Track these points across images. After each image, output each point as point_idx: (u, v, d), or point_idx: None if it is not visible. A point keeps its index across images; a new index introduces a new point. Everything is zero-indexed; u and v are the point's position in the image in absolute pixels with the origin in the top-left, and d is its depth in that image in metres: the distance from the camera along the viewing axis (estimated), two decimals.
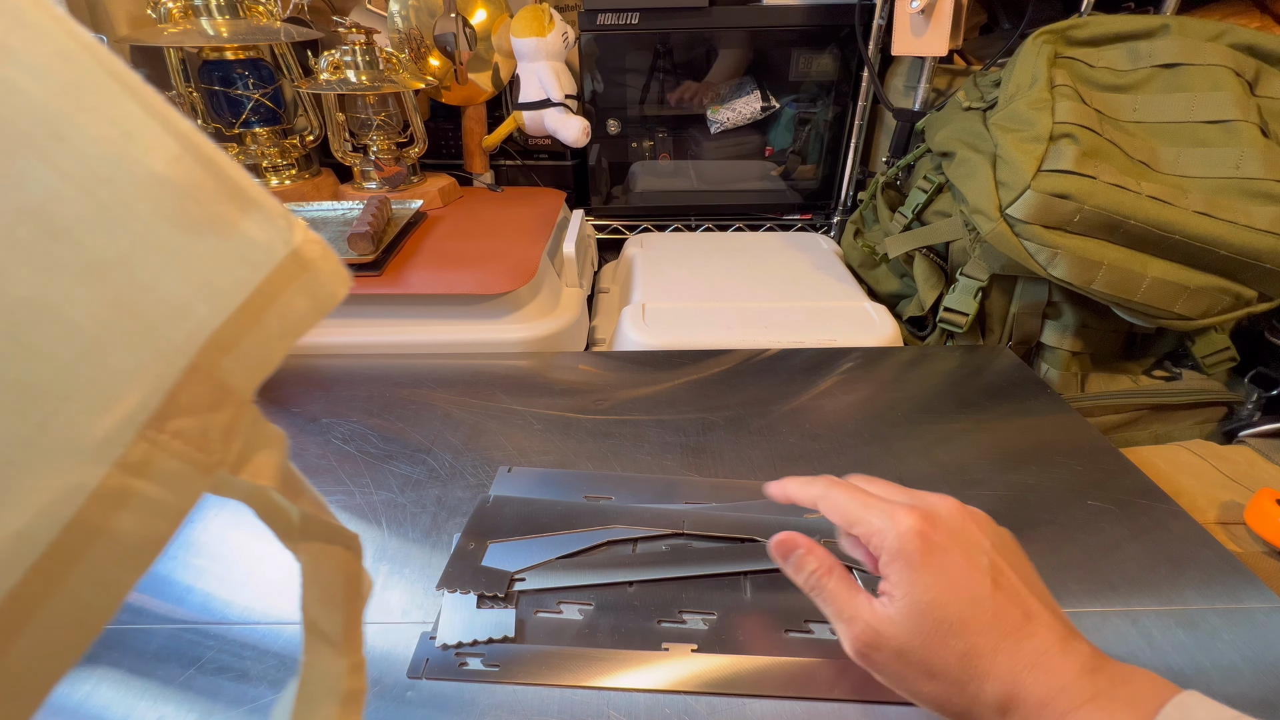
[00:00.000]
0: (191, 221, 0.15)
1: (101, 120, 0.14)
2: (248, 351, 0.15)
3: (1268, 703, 0.32)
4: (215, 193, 0.15)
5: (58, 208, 0.13)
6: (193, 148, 0.15)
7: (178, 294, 0.14)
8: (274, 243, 0.16)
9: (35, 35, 0.13)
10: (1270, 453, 0.58)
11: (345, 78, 0.82)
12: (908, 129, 0.87)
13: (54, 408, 0.12)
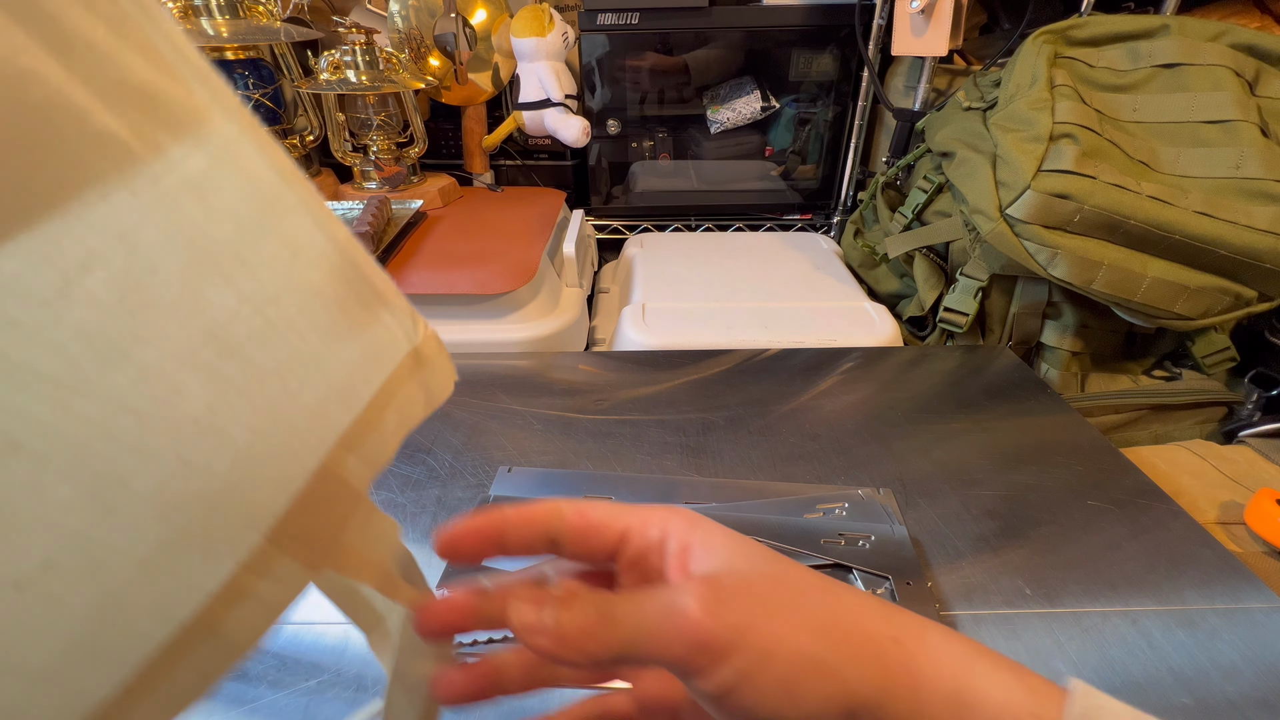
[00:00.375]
0: (337, 329, 0.16)
1: (278, 241, 0.15)
2: (368, 448, 0.16)
3: (1267, 703, 0.32)
4: (359, 297, 0.17)
5: (234, 327, 0.14)
6: (346, 255, 0.17)
7: (319, 399, 0.15)
8: (399, 341, 0.18)
9: (240, 172, 0.15)
10: (1270, 453, 0.58)
11: (345, 78, 0.82)
12: (908, 129, 0.87)
13: (198, 515, 0.13)
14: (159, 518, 0.13)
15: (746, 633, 0.17)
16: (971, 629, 0.36)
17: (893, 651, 0.18)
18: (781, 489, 0.46)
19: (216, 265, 0.14)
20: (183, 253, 0.13)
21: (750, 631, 0.17)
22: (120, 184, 0.13)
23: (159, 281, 0.13)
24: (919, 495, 0.46)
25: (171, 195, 0.13)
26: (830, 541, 0.41)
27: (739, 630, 0.17)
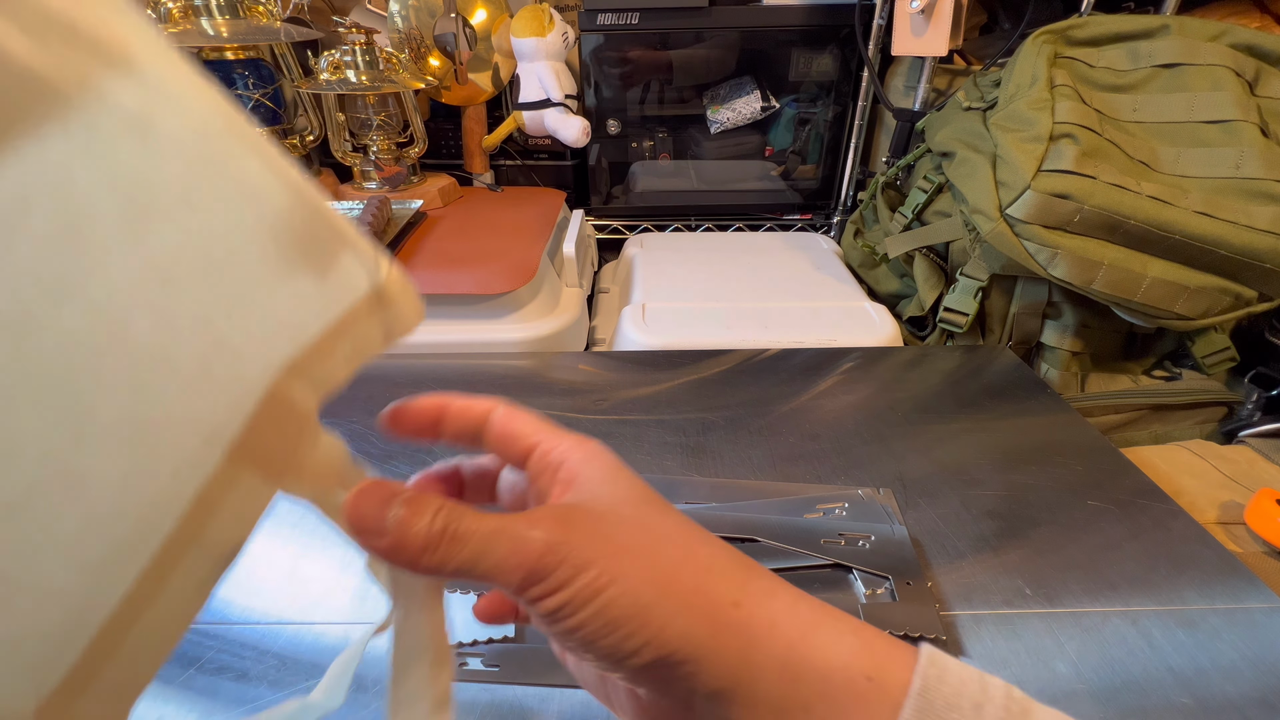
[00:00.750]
0: (289, 266, 0.17)
1: (228, 182, 0.16)
2: (317, 375, 0.17)
3: (1267, 703, 0.32)
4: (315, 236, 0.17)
5: (177, 263, 0.15)
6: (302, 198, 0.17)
7: (265, 331, 0.16)
8: (359, 280, 0.18)
9: (179, 110, 0.15)
10: (1270, 453, 0.58)
11: (345, 78, 0.82)
12: (908, 129, 0.87)
13: (162, 438, 0.14)
14: (126, 441, 0.14)
15: (582, 569, 0.18)
16: (971, 629, 0.36)
17: (729, 613, 0.18)
18: (781, 489, 0.46)
19: (158, 205, 0.14)
20: (121, 191, 0.14)
21: (586, 569, 0.18)
22: (52, 124, 0.13)
23: (100, 219, 0.13)
24: (919, 495, 0.46)
25: (107, 134, 0.14)
26: (830, 541, 0.41)
27: (575, 567, 0.18)
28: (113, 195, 0.14)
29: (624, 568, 0.18)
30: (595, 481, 0.21)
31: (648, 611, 0.18)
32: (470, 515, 0.18)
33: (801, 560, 0.39)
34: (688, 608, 0.18)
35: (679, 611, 0.18)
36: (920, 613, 0.37)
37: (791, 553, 0.40)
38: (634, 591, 0.18)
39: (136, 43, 0.15)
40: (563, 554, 0.18)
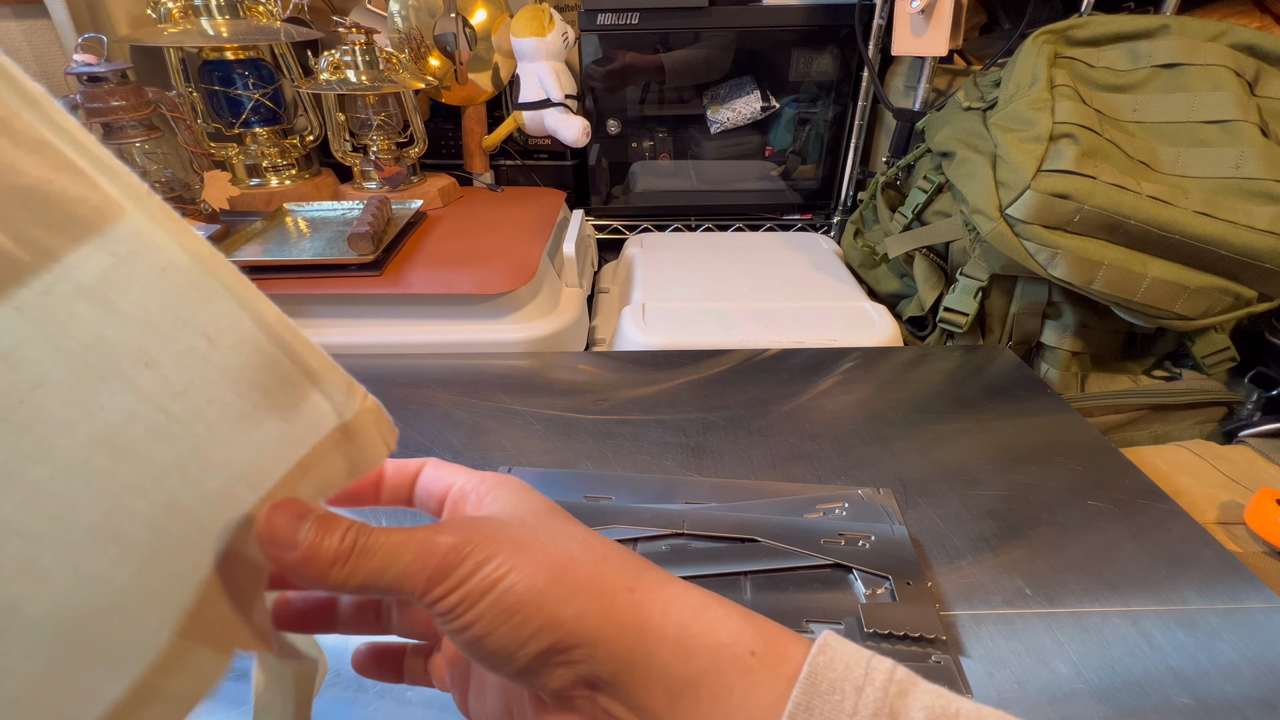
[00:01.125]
0: (253, 413, 0.16)
1: (194, 331, 0.15)
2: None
3: (1267, 703, 0.32)
4: (283, 378, 0.17)
5: (130, 428, 0.14)
6: (274, 336, 0.17)
7: (224, 484, 0.15)
8: (326, 417, 0.18)
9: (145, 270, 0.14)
10: (1270, 453, 0.58)
11: (345, 78, 0.82)
12: (908, 129, 0.87)
13: (101, 626, 0.13)
14: (56, 635, 0.13)
15: (483, 564, 0.18)
16: (971, 629, 0.36)
17: (623, 598, 0.19)
18: (781, 489, 0.46)
19: (113, 368, 0.14)
20: (74, 362, 0.13)
21: (486, 563, 0.19)
22: (4, 299, 0.12)
23: (47, 395, 0.13)
24: (919, 495, 0.46)
25: (64, 304, 0.13)
26: (830, 541, 0.41)
27: (476, 562, 0.18)
28: (65, 365, 0.13)
29: (521, 559, 0.19)
30: (502, 500, 0.22)
31: (543, 596, 0.18)
32: (378, 531, 0.19)
33: (801, 560, 0.39)
34: (582, 591, 0.19)
35: (574, 595, 0.19)
36: (920, 613, 0.37)
37: (791, 553, 0.40)
38: (530, 578, 0.19)
39: (110, 203, 0.14)
40: (465, 551, 0.19)
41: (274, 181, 0.89)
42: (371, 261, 0.67)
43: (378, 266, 0.67)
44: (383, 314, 0.68)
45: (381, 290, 0.66)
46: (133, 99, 0.68)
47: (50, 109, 0.13)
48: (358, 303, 0.68)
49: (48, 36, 0.78)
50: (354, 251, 0.67)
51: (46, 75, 0.78)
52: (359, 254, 0.67)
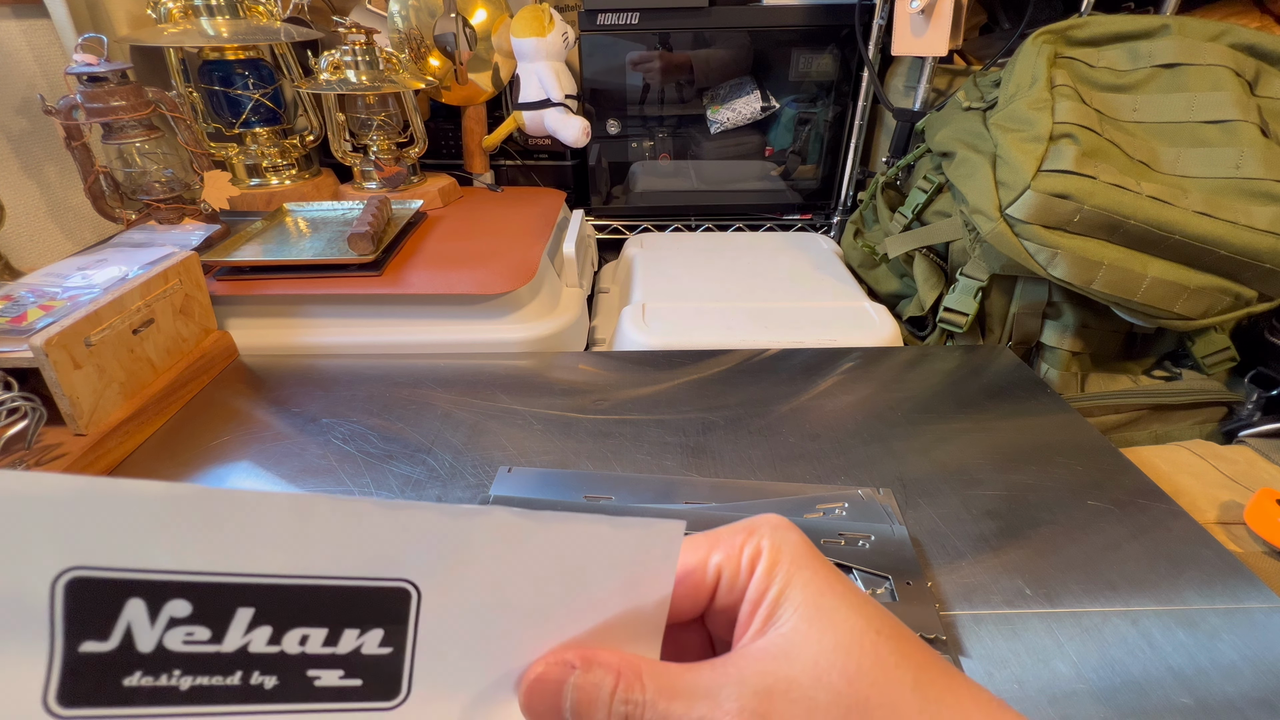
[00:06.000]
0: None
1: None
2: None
3: (1267, 703, 0.32)
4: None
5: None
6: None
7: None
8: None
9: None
10: (1270, 453, 0.58)
11: (345, 78, 0.82)
12: (908, 129, 0.87)
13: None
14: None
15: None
16: (971, 629, 0.36)
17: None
18: (781, 489, 0.46)
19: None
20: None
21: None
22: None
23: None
24: (919, 495, 0.46)
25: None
26: (830, 541, 0.41)
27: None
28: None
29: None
30: (797, 621, 0.17)
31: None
32: (651, 699, 0.16)
33: None
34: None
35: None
36: (920, 613, 0.37)
37: None
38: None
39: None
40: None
41: (274, 181, 0.89)
42: (371, 261, 0.67)
43: (378, 266, 0.67)
44: (383, 314, 0.68)
45: (381, 290, 0.66)
46: (133, 99, 0.68)
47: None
48: (358, 303, 0.68)
49: (48, 36, 0.78)
50: (354, 251, 0.67)
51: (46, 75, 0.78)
52: (359, 254, 0.67)
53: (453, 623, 0.16)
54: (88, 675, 0.14)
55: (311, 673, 0.15)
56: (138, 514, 0.14)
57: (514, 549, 0.17)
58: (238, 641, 0.15)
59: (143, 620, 0.14)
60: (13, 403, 0.43)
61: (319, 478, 0.47)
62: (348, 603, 0.15)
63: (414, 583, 0.16)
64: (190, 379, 0.56)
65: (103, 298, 0.48)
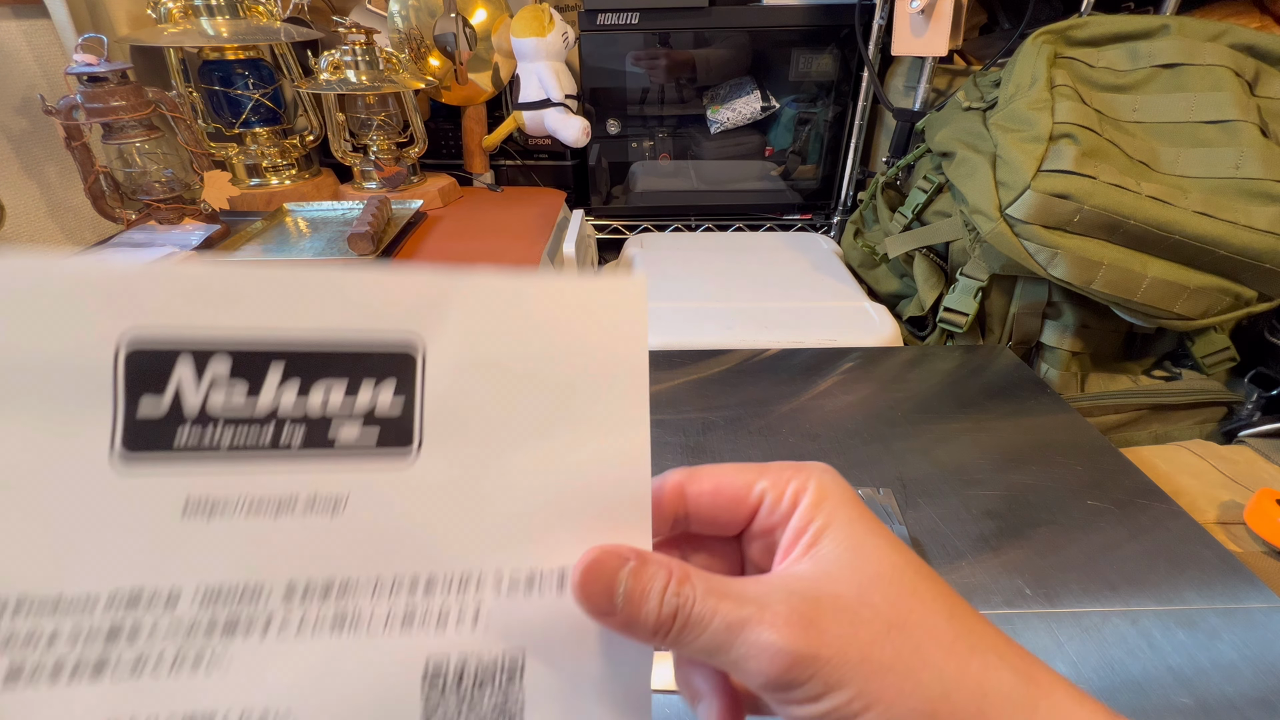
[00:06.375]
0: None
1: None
2: None
3: (1267, 703, 0.32)
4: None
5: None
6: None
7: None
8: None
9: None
10: (1270, 453, 0.58)
11: (345, 78, 0.82)
12: (908, 129, 0.87)
13: None
14: None
15: (834, 687, 0.16)
16: None
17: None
18: None
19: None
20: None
21: (840, 687, 0.16)
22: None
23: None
24: (919, 495, 0.46)
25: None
26: None
27: (826, 684, 0.16)
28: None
29: (883, 690, 0.16)
30: (840, 548, 0.18)
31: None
32: (702, 594, 0.17)
33: None
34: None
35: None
36: None
37: None
38: (896, 718, 0.16)
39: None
40: (812, 670, 0.16)
41: (274, 181, 0.89)
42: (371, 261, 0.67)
43: None
44: None
45: None
46: (133, 99, 0.68)
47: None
48: None
49: (48, 36, 0.78)
50: (354, 251, 0.67)
51: (47, 75, 0.78)
52: (359, 254, 0.67)
53: (454, 380, 0.18)
54: (144, 433, 0.16)
55: (334, 428, 0.17)
56: (185, 287, 0.16)
57: (502, 307, 0.18)
58: (270, 398, 0.17)
59: (190, 381, 0.16)
60: None
61: None
62: (364, 356, 0.17)
63: (420, 339, 0.17)
64: None
65: None
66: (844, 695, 0.16)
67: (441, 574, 0.18)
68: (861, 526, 0.18)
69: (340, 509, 0.17)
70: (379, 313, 0.17)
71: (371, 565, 0.17)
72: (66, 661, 0.15)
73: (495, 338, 0.18)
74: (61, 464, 0.16)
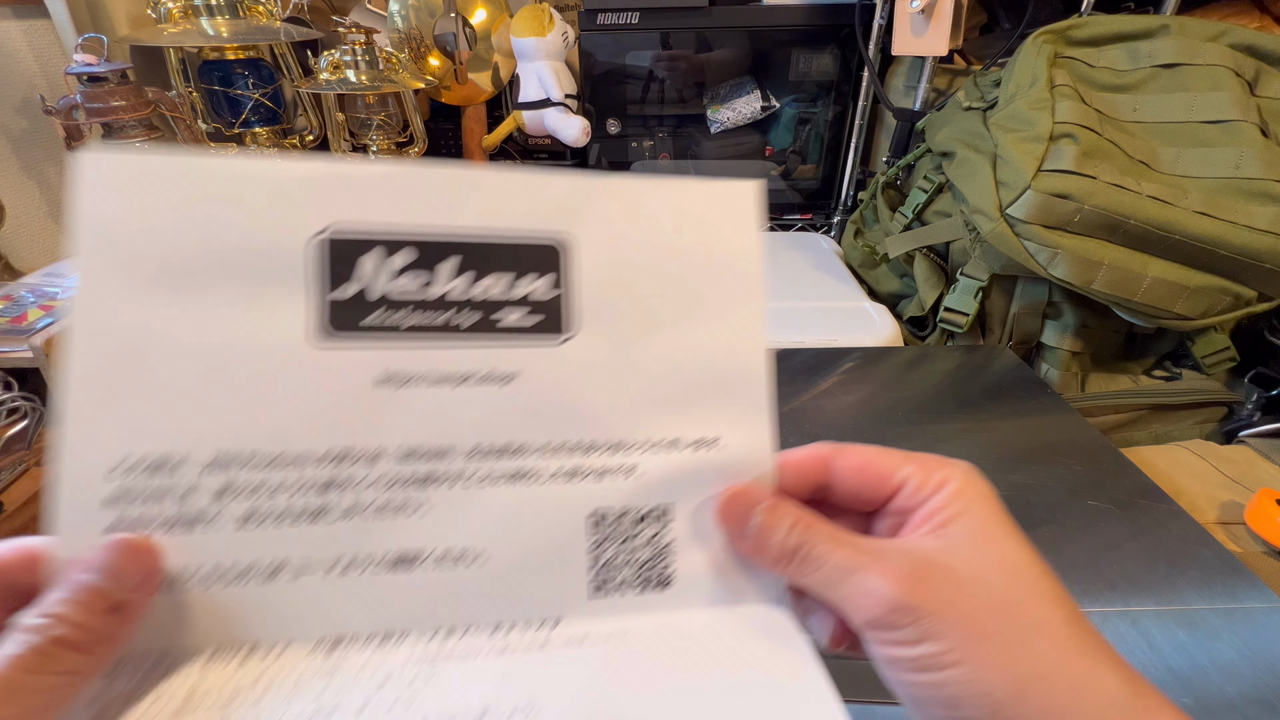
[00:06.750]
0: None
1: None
2: None
3: (1267, 703, 0.32)
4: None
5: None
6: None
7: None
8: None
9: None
10: (1270, 453, 0.58)
11: (345, 78, 0.82)
12: (908, 129, 0.87)
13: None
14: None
15: (930, 637, 0.17)
16: None
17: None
18: None
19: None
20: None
21: (936, 638, 0.17)
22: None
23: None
24: None
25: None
26: None
27: (923, 632, 0.17)
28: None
29: (980, 654, 0.16)
30: (968, 533, 0.19)
31: (999, 710, 0.16)
32: (824, 538, 0.19)
33: None
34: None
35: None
36: None
37: None
38: (985, 682, 0.16)
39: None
40: (912, 617, 0.17)
41: None
42: None
43: None
44: None
45: None
46: (133, 99, 0.68)
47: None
48: None
49: (48, 36, 0.78)
50: None
51: (46, 75, 0.78)
52: None
53: (600, 272, 0.20)
54: (338, 314, 0.18)
55: (499, 313, 0.20)
56: (372, 184, 0.19)
57: (636, 207, 0.21)
58: (444, 286, 0.19)
59: (375, 269, 0.19)
60: (13, 403, 0.43)
61: None
62: (524, 249, 0.20)
63: (570, 236, 0.20)
64: None
65: None
66: (938, 646, 0.16)
67: (598, 437, 0.20)
68: (995, 522, 0.19)
69: (510, 382, 0.20)
70: (537, 214, 0.20)
71: (539, 430, 0.20)
72: (292, 507, 0.18)
73: (635, 234, 0.21)
74: (270, 338, 0.18)
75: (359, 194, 0.18)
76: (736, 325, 0.21)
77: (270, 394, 0.18)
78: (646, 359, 0.21)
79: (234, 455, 0.18)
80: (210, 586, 0.18)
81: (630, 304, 0.21)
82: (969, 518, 0.19)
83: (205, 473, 0.18)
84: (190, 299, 0.18)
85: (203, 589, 0.18)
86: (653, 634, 0.20)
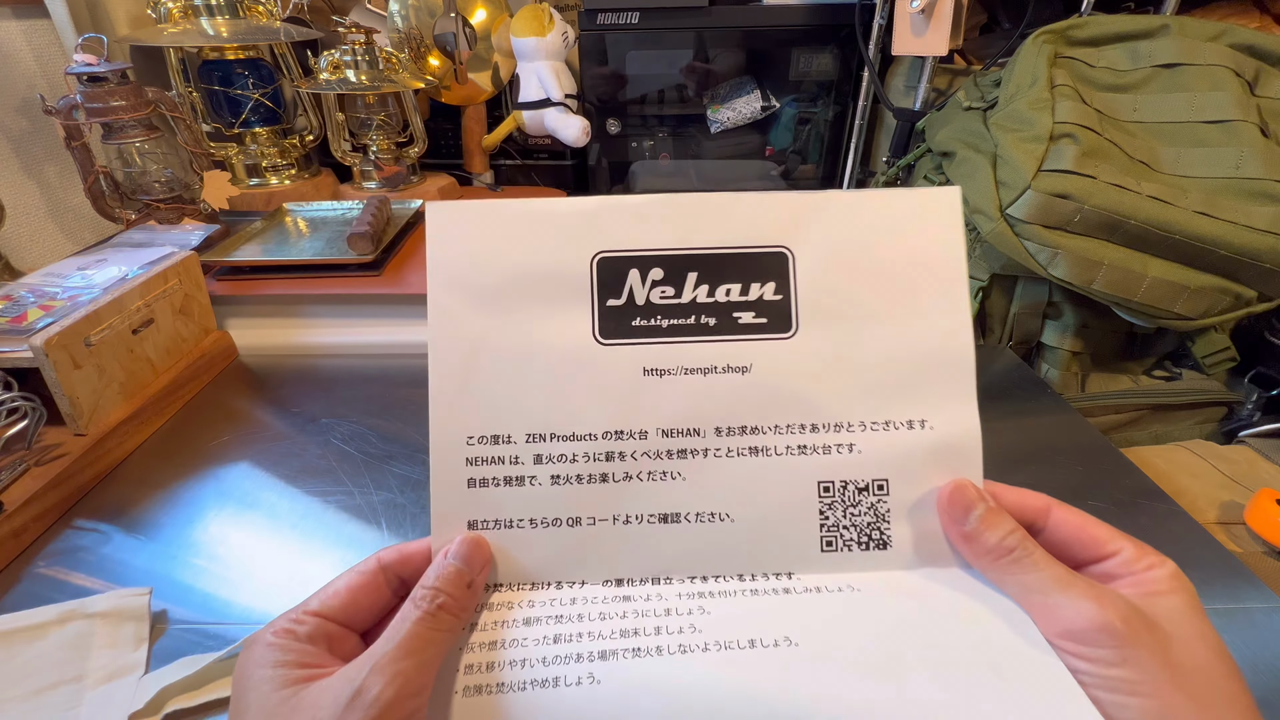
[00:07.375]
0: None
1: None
2: None
3: (1268, 703, 0.32)
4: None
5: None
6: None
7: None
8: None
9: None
10: (1270, 453, 0.58)
11: (345, 78, 0.82)
12: (908, 129, 0.87)
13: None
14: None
15: (1124, 663, 0.18)
16: None
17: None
18: None
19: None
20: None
21: (1127, 664, 0.18)
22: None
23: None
24: None
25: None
26: None
27: (1124, 657, 0.18)
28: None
29: (1165, 693, 0.18)
30: (1179, 609, 0.20)
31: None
32: (1041, 552, 0.21)
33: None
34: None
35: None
36: None
37: None
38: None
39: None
40: (1116, 642, 0.18)
41: (274, 181, 0.89)
42: (371, 261, 0.67)
43: (377, 266, 0.67)
44: (383, 314, 0.68)
45: (381, 290, 0.66)
46: (133, 99, 0.68)
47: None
48: (358, 303, 0.68)
49: (48, 36, 0.78)
50: (354, 251, 0.67)
51: (46, 75, 0.78)
52: (359, 254, 0.67)
53: (817, 277, 0.24)
54: (612, 319, 0.24)
55: (735, 314, 0.24)
56: (631, 215, 0.24)
57: (849, 217, 0.24)
58: (689, 294, 0.24)
59: (637, 282, 0.24)
60: (13, 403, 0.43)
61: (319, 478, 0.47)
62: (751, 263, 0.24)
63: (789, 247, 0.24)
64: (190, 379, 0.56)
65: (102, 298, 0.48)
66: (1135, 675, 0.18)
67: (821, 419, 0.24)
68: (1200, 613, 0.20)
69: (747, 372, 0.23)
70: (761, 230, 0.24)
71: (772, 412, 0.24)
72: (585, 473, 0.23)
73: (846, 241, 0.24)
74: (570, 339, 0.23)
75: (619, 222, 0.24)
76: (945, 318, 0.24)
77: (567, 384, 0.23)
78: (861, 350, 0.24)
79: (543, 431, 0.23)
80: (535, 529, 0.23)
81: (846, 302, 0.24)
82: (1178, 598, 0.20)
83: (526, 444, 0.23)
84: (507, 312, 0.23)
85: (530, 530, 0.23)
86: (880, 584, 0.23)
